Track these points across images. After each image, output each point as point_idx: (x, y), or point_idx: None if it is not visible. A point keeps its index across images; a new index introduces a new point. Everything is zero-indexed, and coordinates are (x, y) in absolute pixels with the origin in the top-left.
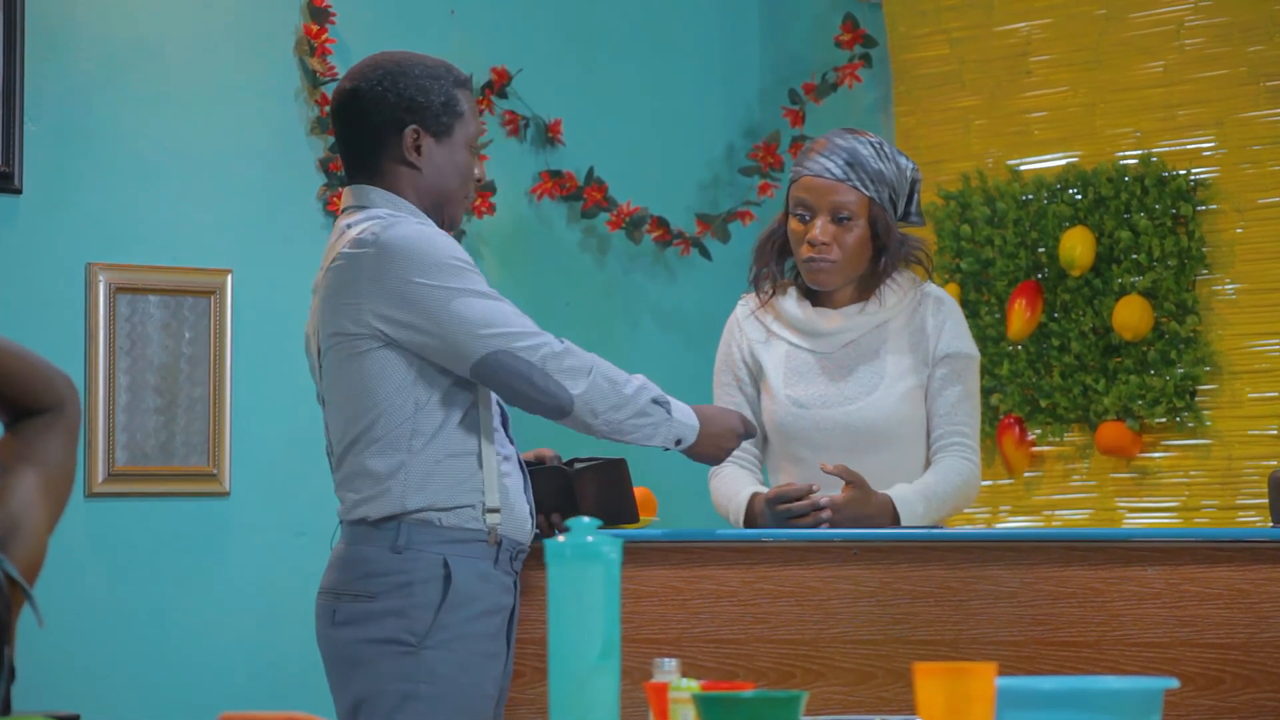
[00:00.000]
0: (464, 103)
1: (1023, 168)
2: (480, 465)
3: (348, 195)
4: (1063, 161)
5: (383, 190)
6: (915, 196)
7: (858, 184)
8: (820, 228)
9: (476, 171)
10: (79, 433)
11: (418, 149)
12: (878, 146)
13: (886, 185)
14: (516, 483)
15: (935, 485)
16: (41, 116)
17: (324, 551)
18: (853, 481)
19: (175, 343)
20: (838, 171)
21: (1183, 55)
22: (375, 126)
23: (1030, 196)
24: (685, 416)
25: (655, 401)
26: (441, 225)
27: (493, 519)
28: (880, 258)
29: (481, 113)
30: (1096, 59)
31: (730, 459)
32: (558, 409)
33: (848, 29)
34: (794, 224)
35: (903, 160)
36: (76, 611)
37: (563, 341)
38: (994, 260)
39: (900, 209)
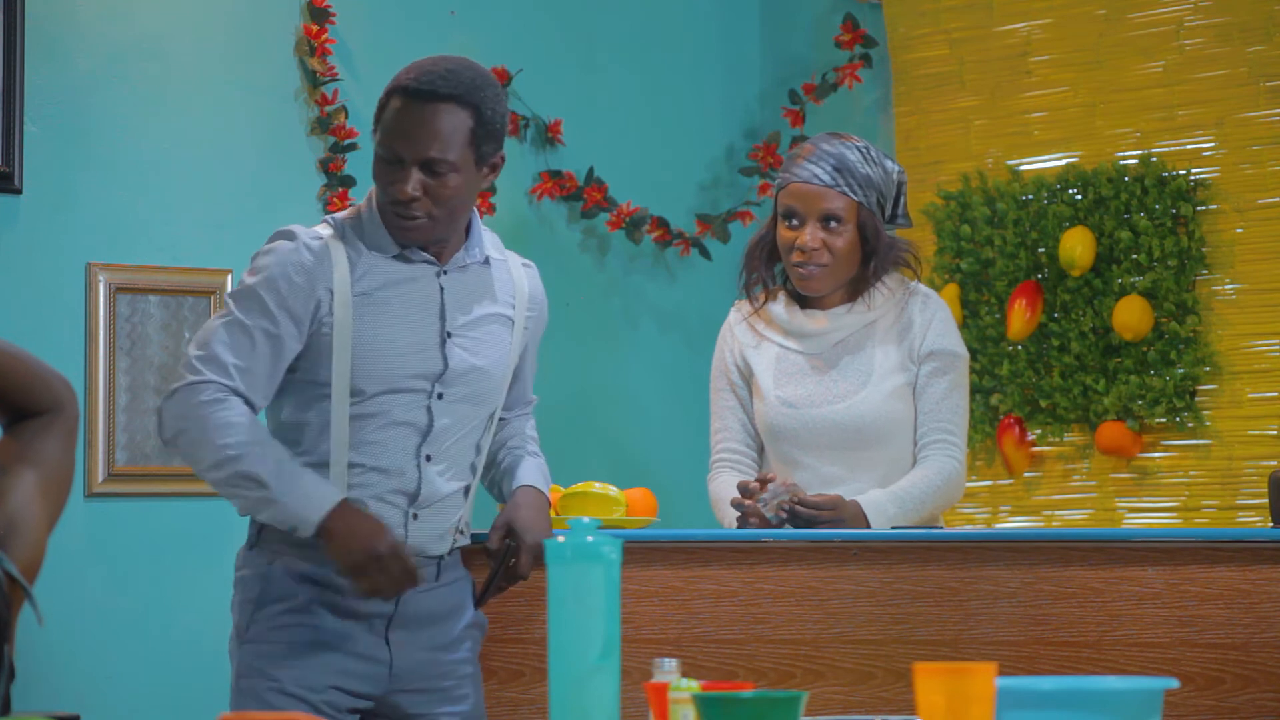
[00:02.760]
0: (383, 111)
1: (1023, 168)
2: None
3: None
4: (1063, 162)
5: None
6: (902, 199)
7: (846, 189)
8: (810, 234)
9: (393, 189)
10: (77, 434)
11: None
12: (864, 151)
13: (874, 189)
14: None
15: (909, 487)
16: (41, 116)
17: None
18: (830, 508)
19: (175, 343)
20: (826, 177)
21: (1183, 55)
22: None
23: (1030, 197)
24: (301, 505)
25: (246, 476)
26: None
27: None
28: (869, 262)
29: None
30: (1096, 59)
31: (726, 464)
32: (162, 443)
33: (848, 29)
34: (783, 230)
35: (889, 163)
36: (76, 611)
37: (202, 384)
38: (994, 260)
39: (888, 211)
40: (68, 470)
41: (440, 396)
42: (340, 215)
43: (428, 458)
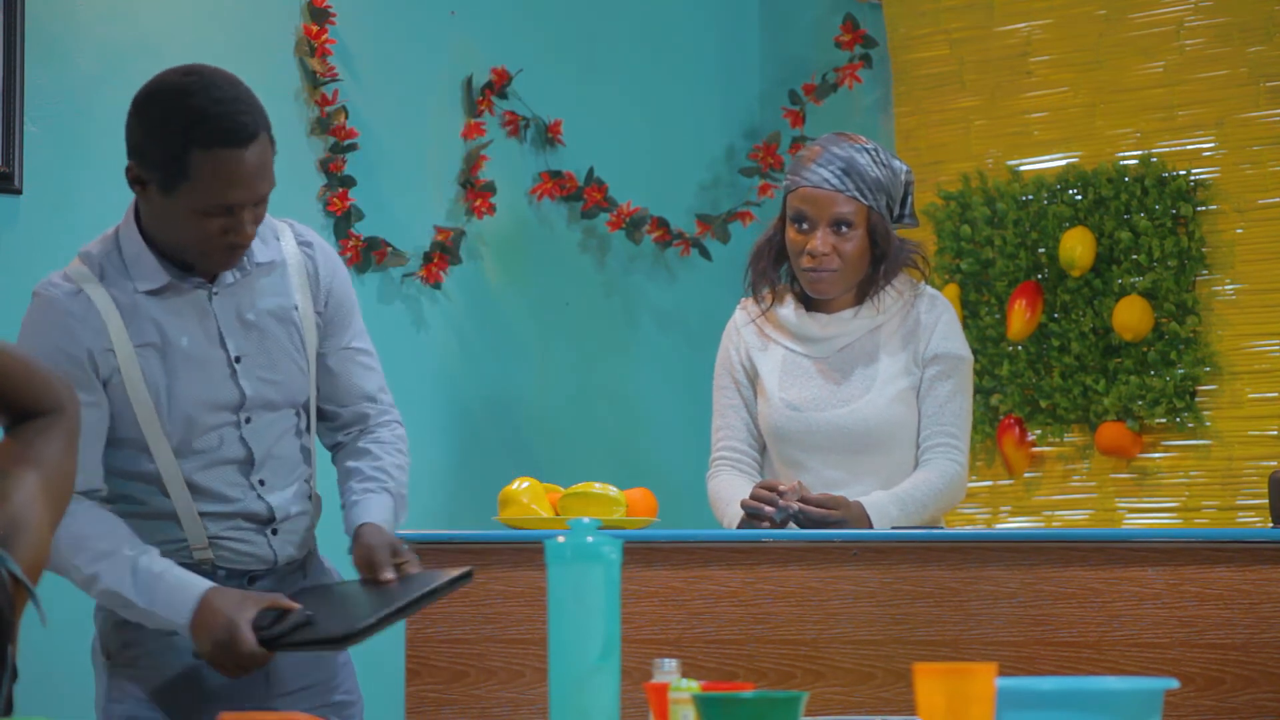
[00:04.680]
0: (195, 169)
1: (1023, 168)
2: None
3: None
4: (1063, 162)
5: (132, 219)
6: (909, 198)
7: (856, 194)
8: (820, 238)
9: (235, 236)
10: (78, 436)
11: (142, 186)
12: (873, 153)
13: (884, 192)
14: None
15: (911, 489)
16: (41, 116)
17: (323, 552)
18: (834, 507)
19: None
20: (836, 182)
21: (1183, 56)
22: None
23: (1030, 197)
24: (166, 611)
25: (107, 595)
26: (191, 265)
27: (201, 554)
28: (879, 264)
29: (480, 113)
30: (1096, 59)
31: (728, 462)
32: None
33: (848, 29)
34: (792, 234)
35: (897, 164)
36: (76, 611)
37: None
38: (994, 261)
39: (895, 212)
40: (69, 471)
41: (249, 421)
42: (98, 250)
43: (261, 482)
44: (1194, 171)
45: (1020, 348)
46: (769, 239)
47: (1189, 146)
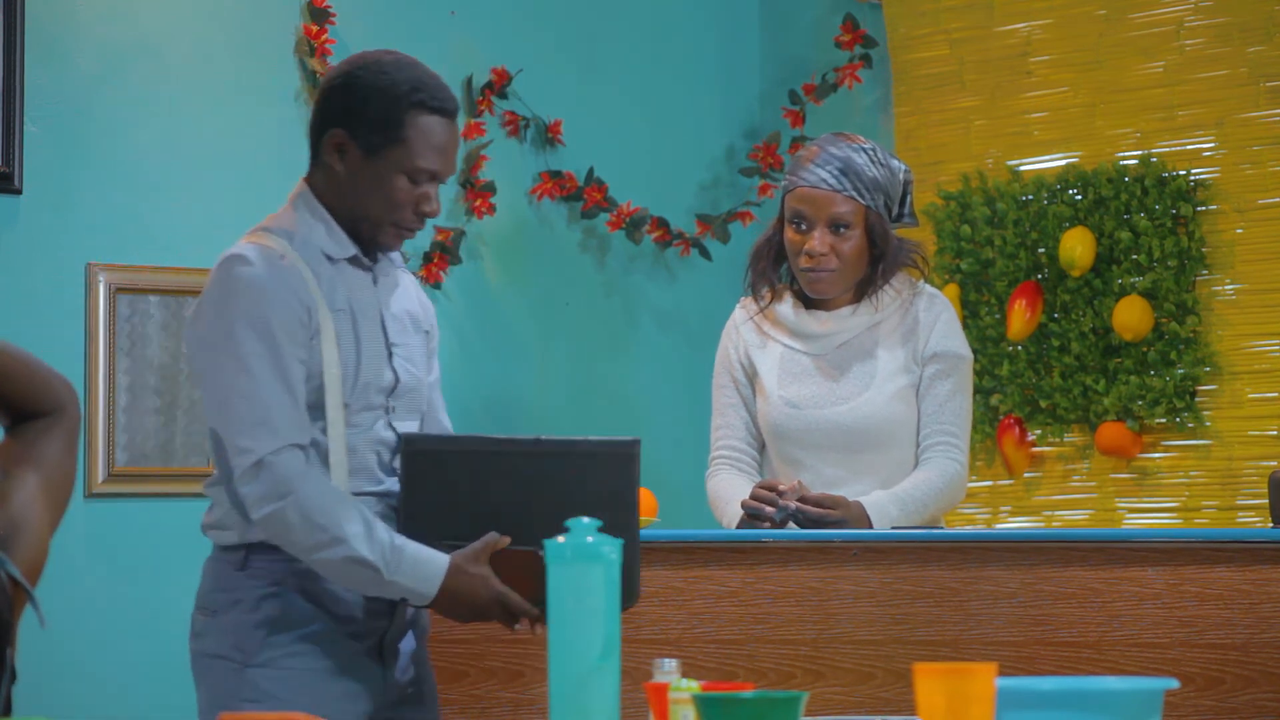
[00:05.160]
0: (411, 129)
1: (1023, 168)
2: None
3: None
4: (1063, 162)
5: (308, 192)
6: (908, 198)
7: (854, 194)
8: (818, 239)
9: (427, 207)
10: (79, 436)
11: (341, 154)
12: (871, 153)
13: (881, 192)
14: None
15: (911, 489)
16: (41, 116)
17: None
18: (834, 507)
19: (175, 343)
20: (834, 182)
21: (1183, 56)
22: (316, 116)
23: (1030, 197)
24: (412, 581)
25: (356, 562)
26: (362, 240)
27: None
28: (878, 264)
29: (480, 113)
30: (1096, 59)
31: (727, 461)
32: (247, 521)
33: (848, 29)
34: (791, 234)
35: (895, 163)
36: (76, 611)
37: (277, 457)
38: (994, 261)
39: (894, 211)
40: (69, 472)
41: (393, 410)
42: (278, 226)
43: (394, 471)
44: (1194, 171)
45: (1020, 348)
46: (768, 239)
47: (1189, 146)
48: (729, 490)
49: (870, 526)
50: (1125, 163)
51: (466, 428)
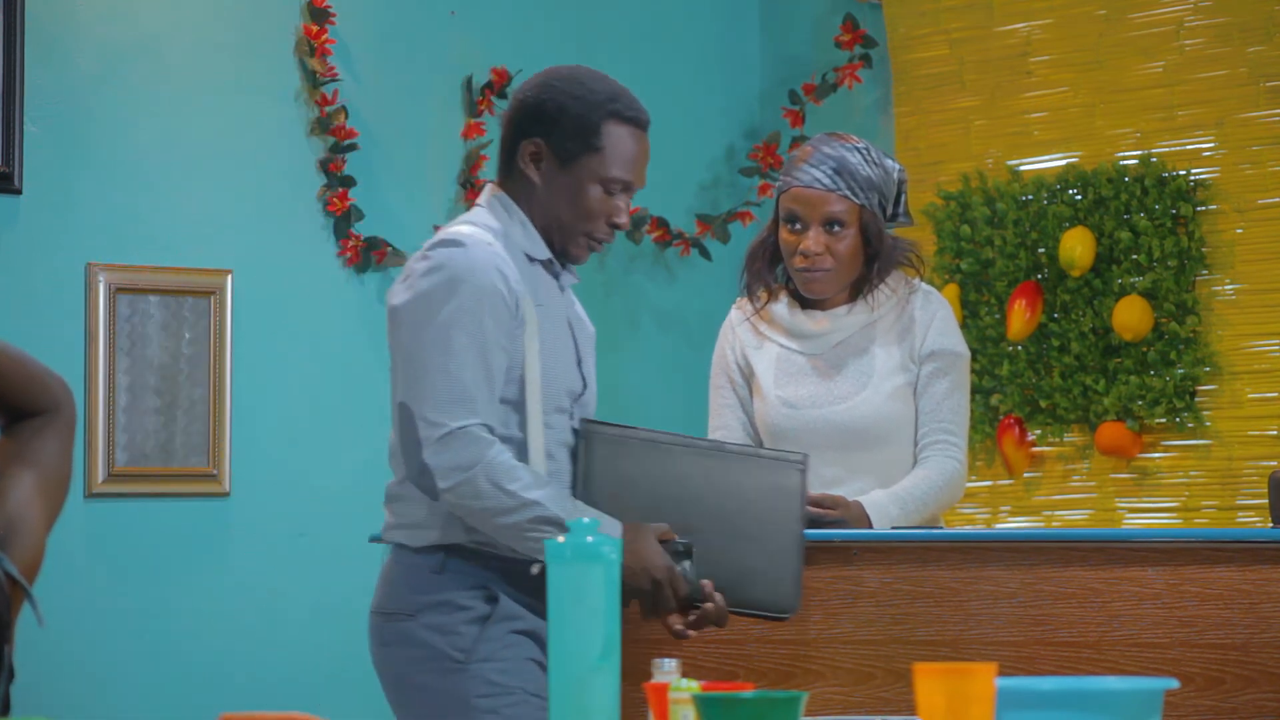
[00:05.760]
0: (607, 138)
1: (1023, 168)
2: None
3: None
4: (1063, 162)
5: (503, 195)
6: (903, 197)
7: (848, 193)
8: (812, 238)
9: (619, 219)
10: (75, 435)
11: (536, 163)
12: (865, 152)
13: (875, 191)
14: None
15: (911, 488)
16: (41, 116)
17: (324, 552)
18: (833, 507)
19: (175, 343)
20: (827, 181)
21: (1183, 56)
22: (511, 126)
23: (1030, 197)
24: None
25: (543, 521)
26: (552, 249)
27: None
28: (873, 263)
29: (480, 113)
30: (1096, 59)
31: None
32: (433, 494)
33: (848, 29)
34: (785, 234)
35: (889, 162)
36: (76, 611)
37: (468, 430)
38: (994, 260)
39: (889, 211)
40: (66, 471)
41: (572, 416)
42: (481, 220)
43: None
44: (1194, 171)
45: (1020, 348)
46: (763, 240)
47: (1189, 146)
48: None
49: (870, 526)
50: (1125, 163)
51: None
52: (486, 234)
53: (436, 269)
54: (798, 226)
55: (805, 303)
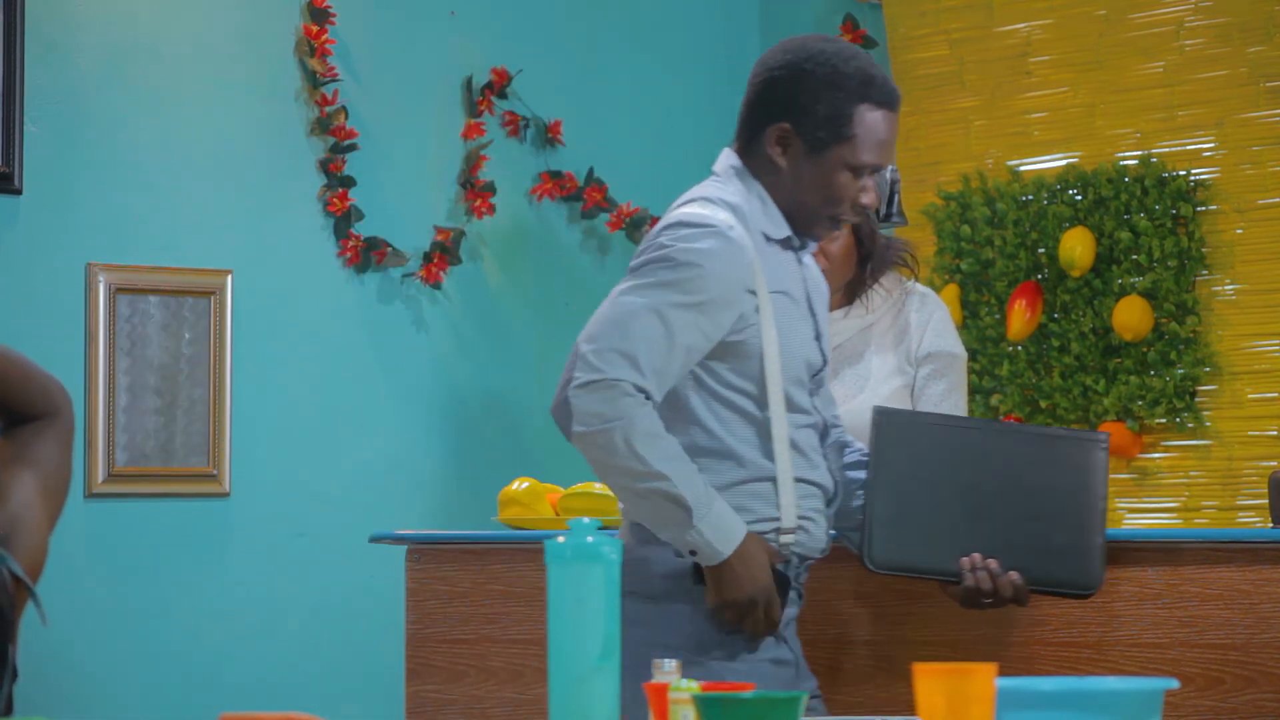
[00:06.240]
0: (859, 125)
1: (1023, 168)
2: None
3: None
4: (1063, 162)
5: (744, 169)
6: (895, 197)
7: None
8: None
9: (865, 199)
10: (74, 440)
11: (784, 147)
12: None
13: None
14: (818, 502)
15: None
16: (41, 116)
17: (324, 552)
18: None
19: (175, 343)
20: None
21: (1183, 56)
22: (758, 104)
23: (1030, 197)
24: (715, 535)
25: (665, 496)
26: (794, 227)
27: (787, 539)
28: (866, 264)
29: (480, 113)
30: (1096, 60)
31: None
32: (565, 432)
33: (848, 29)
34: None
35: None
36: (76, 611)
37: (620, 384)
38: (994, 261)
39: (882, 211)
40: (65, 474)
41: (816, 393)
42: (720, 198)
43: (824, 455)
44: (1194, 171)
45: (1020, 348)
46: None
47: (1189, 146)
48: None
49: None
50: (1125, 163)
51: (466, 427)
52: (730, 215)
53: (671, 242)
54: None
55: None
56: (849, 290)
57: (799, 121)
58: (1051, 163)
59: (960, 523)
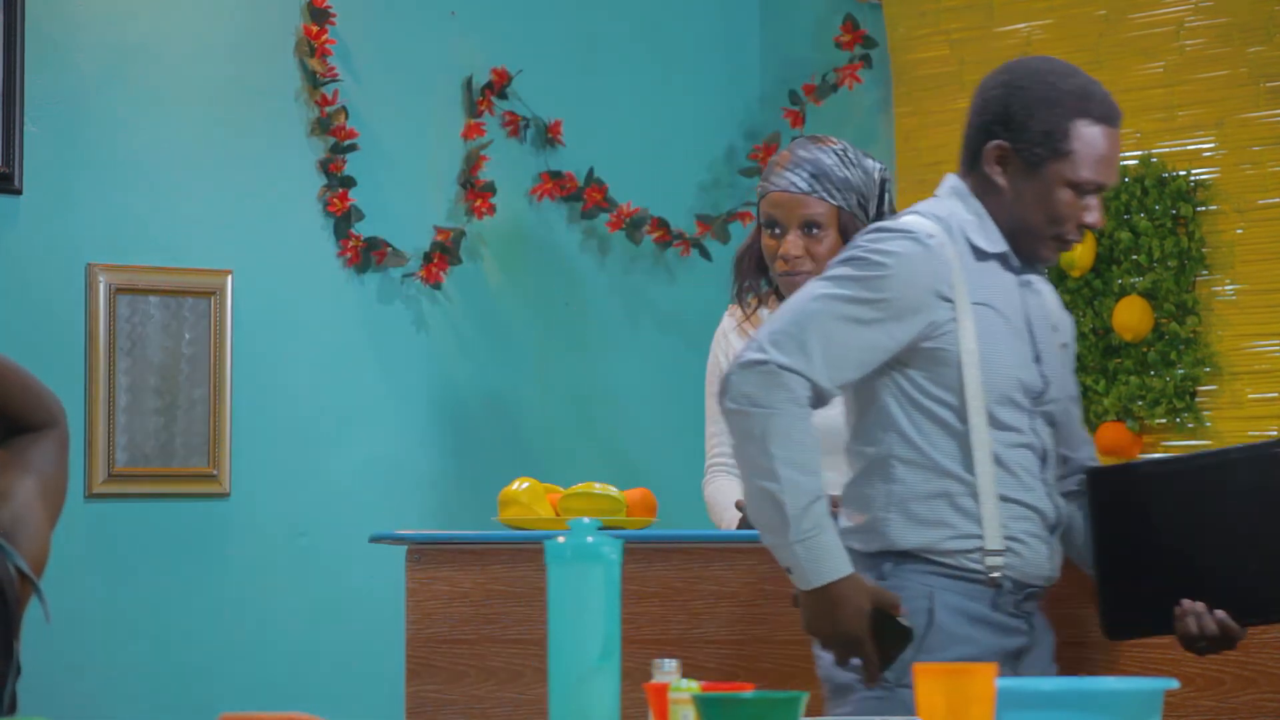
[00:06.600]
0: (1076, 141)
1: None
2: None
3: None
4: None
5: (963, 188)
6: (887, 196)
7: (824, 194)
8: (791, 242)
9: (1090, 218)
10: (69, 450)
11: (1002, 165)
12: (841, 154)
13: (854, 192)
14: (1033, 526)
15: None
16: (41, 117)
17: (324, 552)
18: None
19: (175, 343)
20: (803, 184)
21: (1183, 56)
22: (976, 125)
23: None
24: (812, 559)
25: (768, 498)
26: (1017, 253)
27: (994, 560)
28: None
29: (480, 113)
30: (1096, 59)
31: (723, 469)
32: (722, 405)
33: (848, 30)
34: (766, 239)
35: (869, 163)
36: (76, 611)
37: (782, 374)
38: None
39: (872, 211)
40: (63, 481)
41: (1041, 415)
42: (929, 210)
43: (1046, 482)
44: (1194, 171)
45: None
46: (749, 247)
47: (1189, 146)
48: (725, 496)
49: None
50: (1125, 163)
51: (466, 427)
52: (933, 225)
53: (864, 246)
54: (777, 231)
55: None
56: None
57: (1016, 138)
58: None
59: (1179, 572)
